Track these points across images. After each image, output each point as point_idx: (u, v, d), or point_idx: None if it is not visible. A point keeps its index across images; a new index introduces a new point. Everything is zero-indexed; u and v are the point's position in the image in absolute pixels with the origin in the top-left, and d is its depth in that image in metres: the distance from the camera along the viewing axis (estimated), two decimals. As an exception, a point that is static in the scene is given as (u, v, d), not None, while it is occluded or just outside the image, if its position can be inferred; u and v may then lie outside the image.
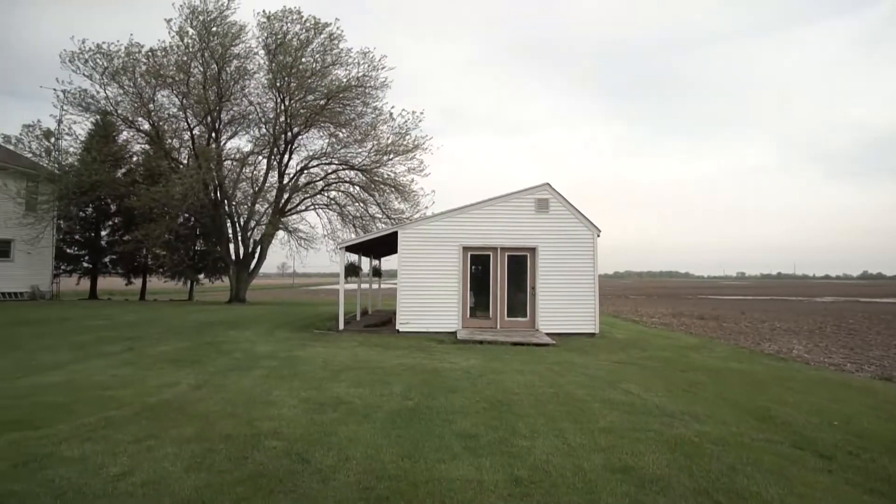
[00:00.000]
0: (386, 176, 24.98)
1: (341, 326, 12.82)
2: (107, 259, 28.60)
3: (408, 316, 12.42)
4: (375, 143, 24.91)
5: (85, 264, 28.08)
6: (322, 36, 23.17)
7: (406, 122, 24.60)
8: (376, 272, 19.80)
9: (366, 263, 18.00)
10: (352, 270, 15.34)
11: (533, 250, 12.64)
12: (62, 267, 26.92)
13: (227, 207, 24.52)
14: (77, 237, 27.76)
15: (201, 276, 30.30)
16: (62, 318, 13.78)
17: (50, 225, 22.98)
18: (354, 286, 17.08)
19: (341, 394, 6.04)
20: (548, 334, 11.77)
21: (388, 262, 21.18)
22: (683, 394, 6.55)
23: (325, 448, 4.18)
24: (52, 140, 22.47)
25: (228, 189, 24.02)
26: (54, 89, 22.03)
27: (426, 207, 24.97)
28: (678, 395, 6.49)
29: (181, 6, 22.26)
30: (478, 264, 12.78)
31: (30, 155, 22.02)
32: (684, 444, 4.53)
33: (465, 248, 12.64)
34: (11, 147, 21.93)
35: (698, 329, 17.18)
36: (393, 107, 34.36)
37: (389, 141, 24.77)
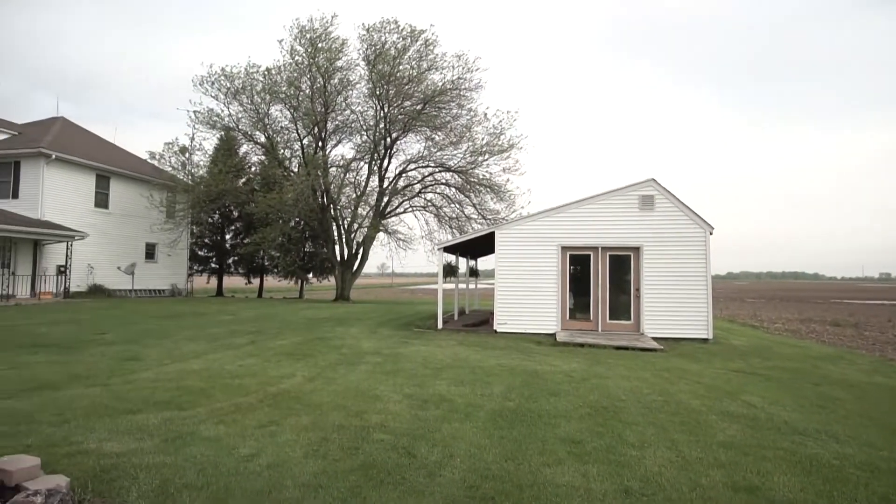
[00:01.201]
0: (481, 176, 25.17)
1: (440, 325, 13.10)
2: (230, 260, 31.89)
3: (505, 316, 12.37)
4: (470, 144, 25.19)
5: (213, 265, 31.51)
6: (418, 43, 23.91)
7: (500, 121, 24.64)
8: (473, 272, 19.99)
9: (462, 263, 18.24)
10: (449, 270, 15.61)
11: (637, 249, 12.01)
12: (194, 267, 30.49)
13: (332, 211, 26.11)
14: (206, 241, 31.28)
15: (310, 275, 32.55)
16: (198, 313, 15.51)
17: (185, 230, 26.15)
18: (452, 286, 17.37)
19: (443, 391, 6.16)
20: (654, 339, 11.12)
21: (484, 263, 21.31)
22: (817, 409, 5.85)
23: (430, 444, 4.29)
24: (187, 155, 25.54)
25: (334, 194, 25.56)
26: (187, 110, 24.99)
27: (522, 207, 24.87)
28: (811, 410, 5.80)
29: (290, 27, 24.18)
30: (577, 264, 12.41)
31: (169, 168, 25.20)
32: (821, 466, 4.04)
33: (564, 248, 12.32)
34: (156, 162, 25.24)
35: (832, 337, 15.28)
36: (487, 108, 34.55)
37: (484, 142, 24.94)
